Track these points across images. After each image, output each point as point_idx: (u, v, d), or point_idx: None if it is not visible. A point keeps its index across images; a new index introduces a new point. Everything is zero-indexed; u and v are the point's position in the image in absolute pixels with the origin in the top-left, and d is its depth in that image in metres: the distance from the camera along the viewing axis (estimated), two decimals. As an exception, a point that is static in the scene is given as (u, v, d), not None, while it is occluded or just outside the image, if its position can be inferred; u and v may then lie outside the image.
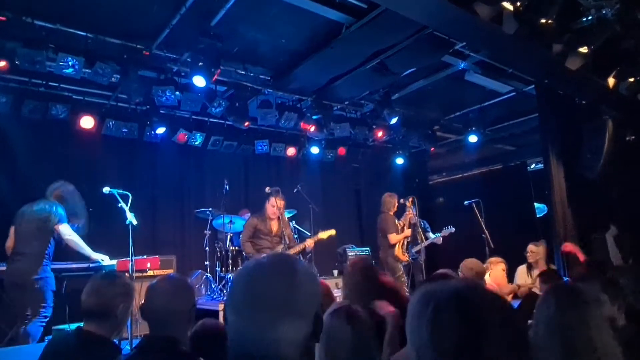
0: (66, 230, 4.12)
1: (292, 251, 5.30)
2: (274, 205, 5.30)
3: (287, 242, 5.39)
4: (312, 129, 6.73)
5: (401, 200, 6.46)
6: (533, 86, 6.12)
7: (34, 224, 4.07)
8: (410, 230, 6.28)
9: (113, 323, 1.95)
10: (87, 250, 4.25)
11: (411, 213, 6.30)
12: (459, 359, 0.84)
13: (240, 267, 1.08)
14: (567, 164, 5.72)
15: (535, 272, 5.02)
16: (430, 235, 6.58)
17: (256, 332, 0.92)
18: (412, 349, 0.91)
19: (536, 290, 4.27)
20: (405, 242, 6.31)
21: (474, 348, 0.83)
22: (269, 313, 0.92)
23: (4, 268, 4.35)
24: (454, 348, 0.84)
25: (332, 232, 5.46)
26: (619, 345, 1.38)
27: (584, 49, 4.17)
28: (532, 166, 8.47)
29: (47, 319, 3.92)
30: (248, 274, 0.99)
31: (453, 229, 6.52)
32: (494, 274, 4.29)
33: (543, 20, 3.66)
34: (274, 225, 5.38)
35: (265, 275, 0.97)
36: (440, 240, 6.50)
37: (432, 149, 8.35)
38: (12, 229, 4.17)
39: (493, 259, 4.51)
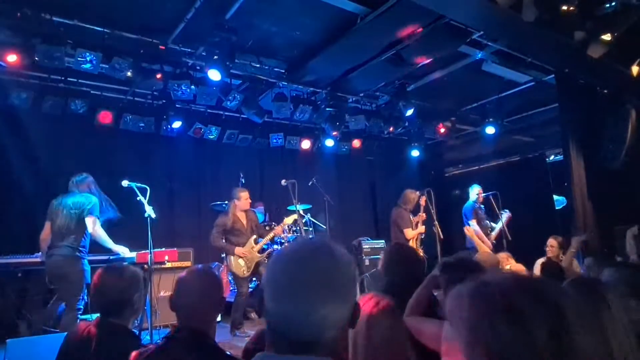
0: (93, 223, 4.17)
1: (265, 239, 5.40)
2: (246, 197, 5.38)
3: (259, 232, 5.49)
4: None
5: (417, 192, 6.41)
6: (553, 75, 5.98)
7: (71, 217, 4.12)
8: (424, 227, 6.24)
9: (130, 312, 2.00)
10: (109, 243, 4.32)
11: (424, 215, 6.24)
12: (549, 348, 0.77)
13: (275, 254, 1.04)
14: (588, 155, 5.59)
15: None
16: (493, 224, 6.43)
17: (300, 316, 0.90)
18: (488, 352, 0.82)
19: None
20: (419, 238, 6.27)
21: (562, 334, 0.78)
22: (312, 295, 0.90)
23: (33, 259, 4.48)
24: (547, 338, 0.77)
25: (295, 216, 5.56)
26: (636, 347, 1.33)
27: (607, 36, 4.05)
28: (551, 158, 8.29)
29: (81, 310, 4.02)
30: (288, 258, 0.97)
31: (510, 213, 6.35)
32: (515, 267, 4.24)
33: (564, 7, 3.56)
34: (245, 219, 5.41)
35: (307, 258, 0.95)
36: (504, 227, 6.31)
37: (443, 130, 8.12)
38: (47, 224, 4.18)
39: (503, 255, 4.46)
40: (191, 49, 5.33)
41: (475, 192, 6.49)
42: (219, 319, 4.67)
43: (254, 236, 5.39)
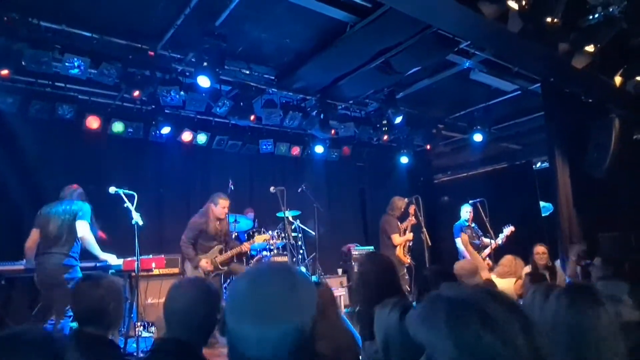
0: (83, 228, 4.13)
1: (230, 253, 5.41)
2: (224, 206, 5.36)
3: (226, 242, 5.54)
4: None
5: (405, 200, 6.44)
6: (539, 84, 6.08)
7: (63, 223, 4.08)
8: (412, 234, 6.27)
9: (107, 322, 1.97)
10: (97, 250, 4.28)
11: (413, 220, 6.28)
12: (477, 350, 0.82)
13: (236, 277, 1.10)
14: (573, 162, 5.67)
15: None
16: (486, 241, 6.42)
17: (258, 335, 0.94)
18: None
19: None
20: (407, 245, 6.30)
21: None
22: (271, 311, 0.95)
23: (17, 267, 4.40)
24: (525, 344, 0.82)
25: (267, 236, 5.74)
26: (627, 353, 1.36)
27: (590, 48, 4.14)
28: (538, 165, 8.41)
29: (71, 317, 3.95)
30: (250, 280, 1.02)
31: (513, 227, 6.36)
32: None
33: (549, 19, 3.63)
34: (218, 226, 5.41)
35: (269, 277, 1.01)
36: (505, 240, 6.32)
37: (428, 146, 8.39)
38: (35, 231, 4.13)
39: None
40: (181, 55, 5.31)
41: (465, 211, 6.53)
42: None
43: (220, 246, 5.39)
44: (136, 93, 5.27)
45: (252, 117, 6.18)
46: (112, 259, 4.47)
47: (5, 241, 5.14)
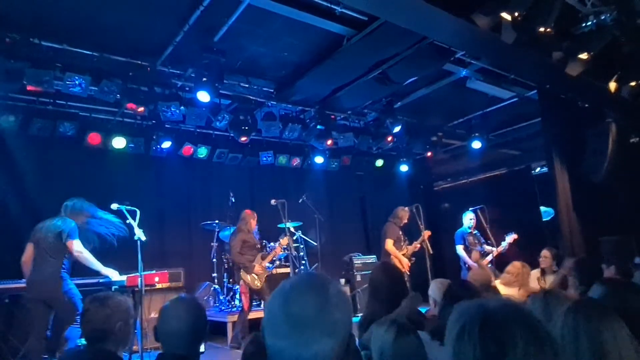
0: (77, 247, 4.15)
1: (271, 255, 5.87)
2: (255, 219, 5.86)
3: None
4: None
5: (407, 209, 6.42)
6: (535, 91, 6.14)
7: (49, 240, 4.12)
8: (408, 262, 6.17)
9: (115, 340, 2.00)
10: (97, 265, 4.28)
11: (419, 246, 6.25)
12: None
13: (275, 290, 1.10)
14: (572, 167, 5.72)
15: (549, 278, 4.97)
16: (488, 248, 6.36)
17: (293, 352, 0.95)
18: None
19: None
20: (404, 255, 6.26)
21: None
22: (304, 332, 0.95)
23: (19, 285, 4.42)
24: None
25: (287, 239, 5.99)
26: None
27: (583, 55, 4.20)
28: (537, 170, 8.45)
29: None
30: (284, 295, 1.01)
31: (516, 235, 6.30)
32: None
33: (542, 29, 3.69)
34: (253, 237, 5.87)
35: (301, 296, 0.99)
36: (507, 248, 6.27)
37: (430, 153, 8.45)
38: (29, 246, 4.20)
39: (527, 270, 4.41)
40: (180, 70, 5.38)
41: (468, 218, 6.48)
42: (202, 349, 4.63)
43: (260, 253, 5.78)
44: (141, 109, 5.32)
45: (243, 138, 6.19)
46: (114, 275, 4.47)
47: (7, 259, 5.14)
